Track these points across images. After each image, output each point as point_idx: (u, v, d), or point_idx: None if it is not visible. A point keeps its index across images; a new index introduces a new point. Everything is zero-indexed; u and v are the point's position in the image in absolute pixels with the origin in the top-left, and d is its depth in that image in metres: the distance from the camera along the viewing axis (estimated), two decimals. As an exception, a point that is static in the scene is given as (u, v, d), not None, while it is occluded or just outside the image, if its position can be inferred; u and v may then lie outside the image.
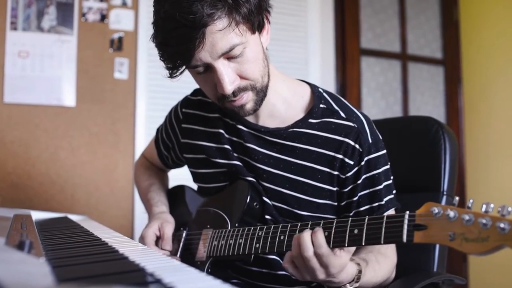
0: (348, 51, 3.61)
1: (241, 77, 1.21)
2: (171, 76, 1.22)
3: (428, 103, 3.90)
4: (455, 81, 3.95)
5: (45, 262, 0.65)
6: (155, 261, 0.79)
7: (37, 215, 1.71)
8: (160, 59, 1.22)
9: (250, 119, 1.37)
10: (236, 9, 1.13)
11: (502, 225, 0.79)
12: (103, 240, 1.03)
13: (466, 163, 3.81)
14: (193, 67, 1.18)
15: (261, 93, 1.27)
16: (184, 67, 1.19)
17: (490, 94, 3.73)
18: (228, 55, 1.16)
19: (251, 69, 1.21)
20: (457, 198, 0.89)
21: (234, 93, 1.21)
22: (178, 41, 1.12)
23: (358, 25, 3.67)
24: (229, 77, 1.17)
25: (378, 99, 3.73)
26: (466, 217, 0.84)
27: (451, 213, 0.86)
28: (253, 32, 1.20)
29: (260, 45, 1.24)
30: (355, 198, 1.30)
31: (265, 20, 1.25)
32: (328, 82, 3.50)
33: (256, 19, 1.18)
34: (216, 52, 1.14)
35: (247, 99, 1.24)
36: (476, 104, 3.84)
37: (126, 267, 0.71)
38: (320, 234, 1.03)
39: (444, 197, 1.51)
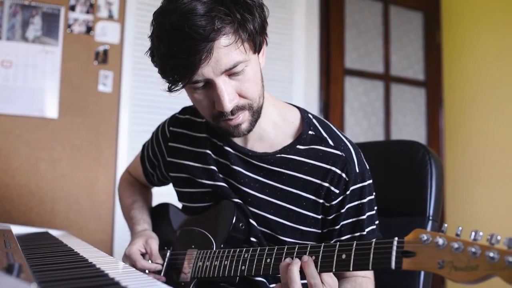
0: (332, 70, 3.64)
1: (240, 96, 1.20)
2: (170, 90, 1.21)
3: (410, 124, 3.95)
4: (437, 103, 4.01)
5: (35, 288, 0.64)
6: (144, 284, 0.79)
7: (17, 230, 1.68)
8: (159, 72, 1.21)
9: (239, 141, 1.37)
10: (243, 26, 1.13)
11: (491, 254, 0.80)
12: (90, 261, 1.02)
13: (445, 184, 3.85)
14: (194, 82, 1.16)
15: (256, 114, 1.26)
16: (185, 81, 1.17)
17: (471, 116, 3.79)
18: (230, 72, 1.16)
19: (251, 88, 1.21)
20: (446, 225, 0.90)
21: (232, 112, 1.20)
22: (184, 53, 1.11)
23: (342, 45, 3.71)
24: (229, 95, 1.17)
25: (361, 119, 3.76)
26: (455, 245, 0.84)
27: (440, 241, 0.86)
28: (254, 52, 1.21)
29: (259, 65, 1.25)
30: (337, 227, 1.30)
31: (263, 42, 1.25)
32: (311, 101, 3.53)
33: (258, 39, 1.19)
34: (220, 68, 1.13)
35: (243, 119, 1.24)
36: (456, 127, 3.90)
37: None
38: (311, 265, 1.04)
39: (430, 222, 1.52)
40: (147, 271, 1.38)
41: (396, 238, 0.94)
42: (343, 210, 1.29)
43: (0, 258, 0.88)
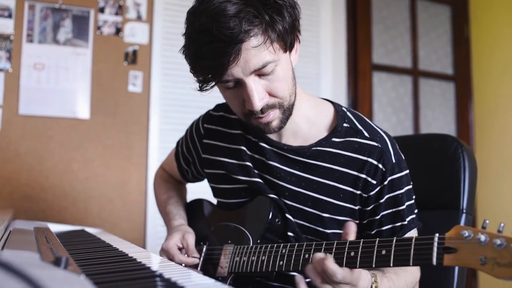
0: (360, 66, 3.62)
1: (270, 95, 1.21)
2: (201, 89, 1.23)
3: (439, 118, 3.91)
4: (466, 97, 3.96)
5: (85, 280, 0.65)
6: (185, 276, 0.80)
7: (54, 228, 1.71)
8: (190, 71, 1.22)
9: (273, 137, 1.37)
10: (272, 26, 1.13)
11: (535, 250, 0.79)
12: (130, 255, 1.03)
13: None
14: (224, 81, 1.18)
15: (288, 112, 1.27)
16: (215, 81, 1.19)
17: (501, 110, 3.74)
18: (260, 72, 1.16)
19: (281, 87, 1.21)
20: (487, 221, 0.89)
21: (262, 110, 1.21)
22: (212, 55, 1.12)
23: (370, 41, 3.69)
24: (258, 94, 1.17)
25: (389, 115, 3.74)
26: (498, 241, 0.83)
27: (482, 237, 0.85)
28: (285, 51, 1.20)
29: (290, 64, 1.24)
30: (377, 217, 1.30)
31: (296, 40, 1.25)
32: (340, 97, 3.51)
33: (288, 38, 1.19)
34: (249, 68, 1.14)
35: (274, 117, 1.24)
36: (486, 120, 3.85)
37: (168, 286, 0.71)
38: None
39: (464, 215, 1.51)
40: (183, 265, 1.40)
41: (437, 234, 0.93)
42: (382, 201, 1.29)
43: (46, 252, 0.90)
